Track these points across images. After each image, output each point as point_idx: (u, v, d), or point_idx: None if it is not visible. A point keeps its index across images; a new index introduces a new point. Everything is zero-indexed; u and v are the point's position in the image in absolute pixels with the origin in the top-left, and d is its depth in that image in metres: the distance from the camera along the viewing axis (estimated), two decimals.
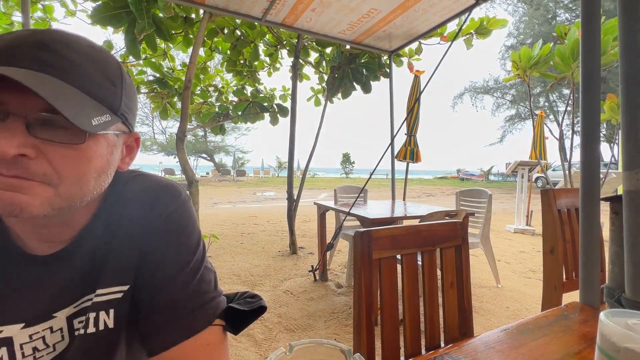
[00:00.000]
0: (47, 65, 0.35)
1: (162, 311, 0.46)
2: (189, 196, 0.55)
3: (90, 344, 0.45)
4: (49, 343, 0.43)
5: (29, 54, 0.35)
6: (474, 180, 27.03)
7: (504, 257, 3.85)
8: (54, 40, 0.36)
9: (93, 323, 0.45)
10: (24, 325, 0.41)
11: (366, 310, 0.75)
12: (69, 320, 0.45)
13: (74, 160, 0.37)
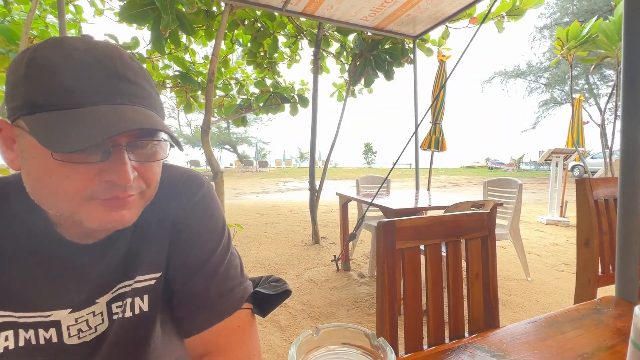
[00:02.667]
0: (132, 96, 0.39)
1: (194, 297, 0.49)
2: (211, 185, 0.57)
3: (129, 326, 0.49)
4: (91, 325, 0.47)
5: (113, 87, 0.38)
6: (503, 170, 25.91)
7: (534, 249, 3.70)
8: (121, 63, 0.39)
9: (130, 308, 0.49)
10: (70, 310, 0.45)
11: (389, 300, 0.76)
12: (108, 305, 0.48)
13: (157, 170, 0.44)
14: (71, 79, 0.36)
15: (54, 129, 0.34)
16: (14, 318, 0.41)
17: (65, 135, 0.34)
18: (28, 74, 0.36)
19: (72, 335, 0.45)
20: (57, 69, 0.36)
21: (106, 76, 0.38)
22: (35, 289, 0.43)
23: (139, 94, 0.40)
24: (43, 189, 0.38)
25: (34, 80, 0.36)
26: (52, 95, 0.36)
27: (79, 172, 0.37)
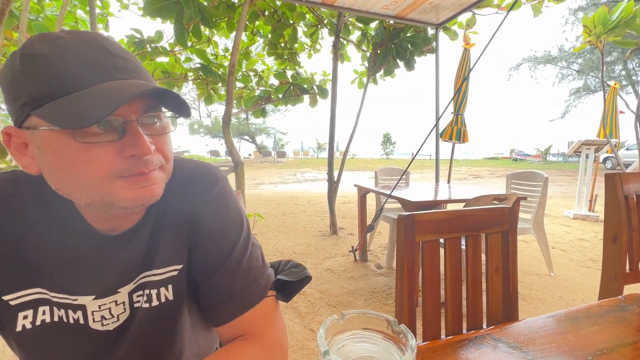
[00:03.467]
0: (128, 71, 0.41)
1: (220, 290, 0.52)
2: (226, 178, 0.58)
3: (154, 315, 0.52)
4: (114, 314, 0.50)
5: (110, 64, 0.40)
6: (529, 161, 24.87)
7: (559, 244, 3.59)
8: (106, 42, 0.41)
9: (155, 297, 0.51)
10: (94, 297, 0.48)
11: (408, 291, 0.78)
12: (129, 295, 0.51)
13: (169, 143, 0.46)
14: (68, 64, 0.37)
15: (68, 110, 0.35)
16: (48, 296, 0.46)
17: (81, 112, 0.35)
18: (25, 69, 0.38)
19: (96, 321, 0.49)
20: (50, 59, 0.37)
21: (100, 56, 0.39)
22: (64, 274, 0.46)
23: (133, 69, 0.42)
24: (69, 181, 0.40)
25: (33, 73, 0.37)
26: (54, 83, 0.37)
27: (100, 152, 0.38)
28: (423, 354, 0.57)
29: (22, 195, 0.45)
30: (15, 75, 0.38)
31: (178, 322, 0.55)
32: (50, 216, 0.46)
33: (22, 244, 0.44)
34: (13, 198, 0.45)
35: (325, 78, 5.06)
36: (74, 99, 0.36)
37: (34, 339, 0.46)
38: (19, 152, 0.42)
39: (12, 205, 0.44)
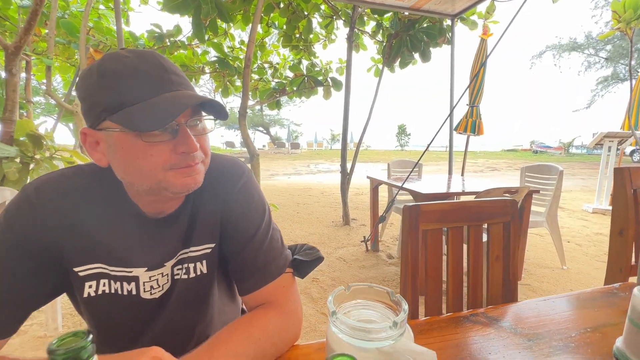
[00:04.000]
0: (181, 84, 0.51)
1: (246, 265, 0.61)
2: (251, 171, 0.68)
3: (191, 285, 0.62)
4: (160, 284, 0.59)
5: (164, 77, 0.49)
6: (550, 154, 24.03)
7: (575, 238, 3.55)
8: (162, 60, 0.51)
9: (192, 270, 0.61)
10: (146, 269, 0.57)
11: (411, 276, 0.85)
12: (172, 268, 0.60)
13: (208, 141, 0.56)
14: (134, 79, 0.47)
15: (137, 117, 0.45)
16: (107, 270, 0.56)
17: (148, 120, 0.45)
18: (101, 83, 0.47)
19: (146, 291, 0.58)
20: (121, 75, 0.47)
21: (159, 72, 0.49)
22: (122, 250, 0.56)
23: (182, 82, 0.52)
24: (134, 171, 0.49)
25: (107, 87, 0.47)
26: (125, 95, 0.46)
27: (160, 149, 0.48)
28: (421, 327, 0.64)
29: (88, 186, 0.55)
30: (93, 87, 0.48)
31: (210, 293, 0.65)
32: (109, 203, 0.55)
33: (89, 225, 0.53)
34: (81, 189, 0.54)
35: (341, 66, 5.07)
36: (141, 108, 0.46)
37: (96, 305, 0.57)
38: (92, 149, 0.51)
39: (81, 195, 0.54)
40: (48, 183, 0.53)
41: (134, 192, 0.55)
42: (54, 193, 0.52)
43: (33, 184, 0.53)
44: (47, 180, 0.53)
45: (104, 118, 0.48)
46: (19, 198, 0.51)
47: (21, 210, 0.51)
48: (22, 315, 0.50)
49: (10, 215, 0.50)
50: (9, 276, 0.48)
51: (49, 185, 0.53)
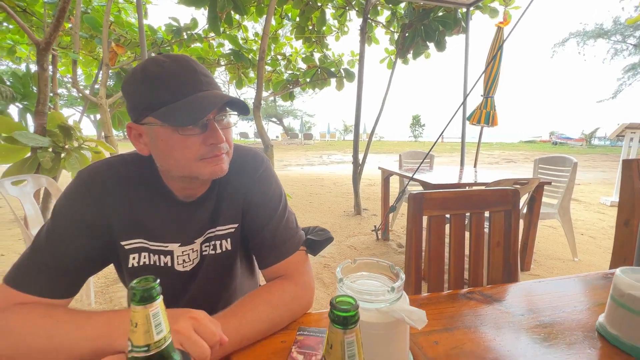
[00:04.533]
0: (210, 85, 0.58)
1: (265, 242, 0.69)
2: (269, 160, 0.76)
3: (218, 260, 0.71)
4: (191, 258, 0.69)
5: (196, 80, 0.57)
6: (570, 145, 23.21)
7: (589, 231, 3.51)
8: (194, 64, 0.58)
9: (219, 247, 0.70)
10: (180, 244, 0.67)
11: (415, 258, 0.92)
12: (200, 245, 0.69)
13: (231, 135, 0.63)
14: (172, 81, 0.55)
15: (175, 114, 0.53)
16: (147, 245, 0.65)
17: (184, 116, 0.53)
18: (144, 85, 0.55)
19: (179, 264, 0.68)
20: (160, 77, 0.55)
21: (192, 75, 0.57)
22: (159, 228, 0.65)
23: (211, 82, 0.59)
24: (171, 159, 0.58)
25: (149, 87, 0.55)
26: (164, 95, 0.55)
27: (193, 142, 0.56)
28: (421, 301, 0.72)
29: (131, 172, 0.64)
30: (137, 88, 0.56)
31: (233, 267, 0.74)
32: (148, 187, 0.64)
33: (132, 206, 0.63)
34: (125, 175, 0.63)
35: (353, 59, 5.06)
36: (178, 106, 0.54)
37: (138, 275, 0.66)
38: (135, 140, 0.60)
39: (125, 180, 0.63)
40: (99, 169, 0.62)
41: (168, 178, 0.64)
42: (104, 178, 0.61)
43: (86, 170, 0.62)
44: (98, 167, 0.63)
45: (146, 114, 0.56)
46: (76, 182, 0.61)
47: (78, 192, 0.60)
48: (80, 280, 0.60)
49: (70, 197, 0.60)
50: (70, 247, 0.58)
51: (100, 171, 0.62)
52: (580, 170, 9.33)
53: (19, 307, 0.52)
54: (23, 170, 2.31)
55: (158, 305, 0.31)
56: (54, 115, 2.57)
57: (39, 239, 0.57)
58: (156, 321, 0.31)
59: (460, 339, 0.58)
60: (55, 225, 0.58)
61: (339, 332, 0.27)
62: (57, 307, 0.53)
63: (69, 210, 0.59)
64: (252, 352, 0.55)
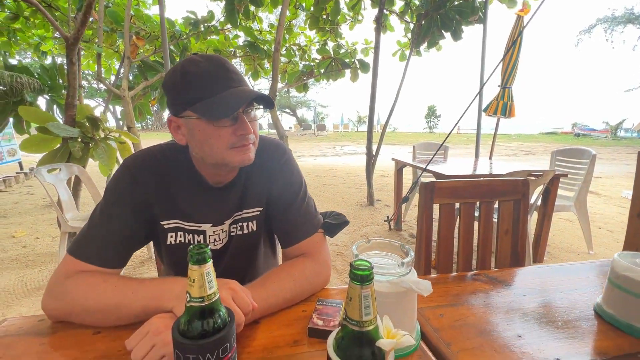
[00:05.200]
0: (240, 82, 0.65)
1: (288, 224, 0.77)
2: (291, 150, 0.83)
3: (244, 240, 0.79)
4: (221, 238, 0.77)
5: (228, 78, 0.63)
6: (593, 137, 22.29)
7: (608, 224, 3.45)
8: (226, 63, 0.65)
9: (245, 228, 0.78)
10: (211, 225, 0.75)
11: (425, 244, 0.98)
12: (229, 226, 0.78)
13: (257, 127, 0.69)
14: (207, 79, 0.62)
15: (211, 109, 0.61)
16: (182, 225, 0.73)
17: (218, 111, 0.60)
18: (183, 82, 0.62)
19: (210, 242, 0.76)
20: (197, 75, 0.62)
21: (224, 73, 0.64)
22: (193, 210, 0.73)
23: (241, 80, 0.66)
24: (206, 148, 0.65)
25: (188, 85, 0.62)
26: (201, 92, 0.62)
27: (226, 132, 0.63)
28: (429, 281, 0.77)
29: (169, 160, 0.72)
30: (176, 85, 0.63)
31: (258, 247, 0.82)
32: (183, 174, 0.72)
33: (169, 190, 0.71)
34: (164, 162, 0.71)
35: (367, 47, 5.03)
36: (213, 101, 0.61)
37: (175, 252, 0.75)
38: (174, 131, 0.67)
39: (164, 167, 0.71)
40: (142, 157, 0.70)
41: (201, 166, 0.72)
42: (146, 164, 0.70)
43: (132, 158, 0.70)
44: (141, 155, 0.71)
45: (185, 109, 0.63)
46: (123, 168, 0.69)
47: (125, 177, 0.68)
48: (128, 252, 0.69)
49: (118, 181, 0.68)
50: (119, 223, 0.66)
51: (143, 159, 0.70)
52: (603, 163, 9.01)
53: (81, 273, 0.61)
54: (55, 159, 2.47)
55: (209, 266, 0.39)
56: (82, 107, 2.71)
57: (94, 216, 0.66)
58: (208, 278, 0.38)
59: (464, 313, 0.64)
60: (107, 205, 0.67)
61: (357, 287, 0.34)
62: (112, 275, 0.62)
63: (118, 193, 0.67)
64: (277, 319, 0.62)
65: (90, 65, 5.45)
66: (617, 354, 0.53)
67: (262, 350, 0.53)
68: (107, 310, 0.56)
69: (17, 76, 3.01)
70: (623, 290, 0.60)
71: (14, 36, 4.60)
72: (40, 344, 0.55)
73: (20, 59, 14.18)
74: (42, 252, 2.67)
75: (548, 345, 0.54)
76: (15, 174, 5.67)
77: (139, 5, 4.66)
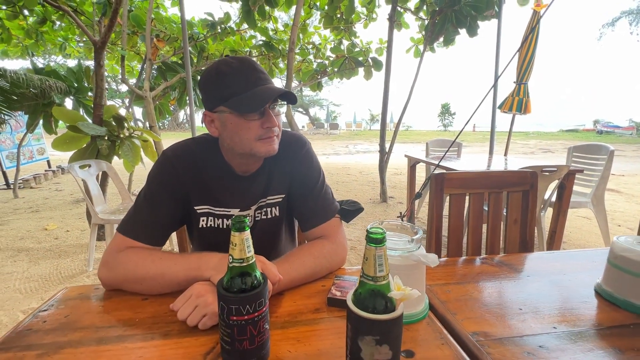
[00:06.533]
0: (267, 80, 0.72)
1: (308, 208, 0.84)
2: (310, 142, 0.90)
3: (268, 224, 0.86)
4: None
5: (257, 77, 0.71)
6: (617, 134, 21.43)
7: (628, 222, 3.37)
8: (255, 64, 0.72)
9: (270, 213, 0.86)
10: (239, 210, 0.83)
11: (436, 232, 1.03)
12: (255, 211, 0.85)
13: (281, 121, 0.77)
14: (239, 78, 0.70)
15: (242, 104, 0.68)
16: (212, 210, 0.81)
17: (248, 106, 0.68)
18: (218, 80, 0.71)
19: None
20: (230, 74, 0.70)
21: (253, 72, 0.71)
22: (223, 196, 0.81)
23: (268, 79, 0.74)
24: (236, 139, 0.72)
25: (222, 82, 0.70)
26: (233, 89, 0.70)
27: (254, 125, 0.71)
28: (439, 263, 0.83)
29: (203, 151, 0.80)
30: (212, 82, 0.72)
31: (280, 231, 0.89)
32: (215, 163, 0.80)
33: (203, 176, 0.79)
34: (199, 153, 0.80)
35: (381, 46, 5.05)
36: (244, 97, 0.69)
37: (206, 234, 0.83)
38: (209, 124, 0.76)
39: (199, 157, 0.79)
40: (180, 148, 0.79)
41: (230, 156, 0.80)
42: (184, 155, 0.78)
43: (170, 149, 0.79)
44: (178, 147, 0.79)
45: (218, 104, 0.71)
46: (162, 158, 0.78)
47: (165, 166, 0.77)
48: (168, 232, 0.78)
49: (159, 169, 0.77)
50: (160, 206, 0.75)
51: (180, 150, 0.79)
52: (627, 160, 8.69)
53: (130, 249, 0.70)
54: (85, 156, 2.64)
55: (248, 234, 0.46)
56: (109, 107, 2.87)
57: (138, 199, 0.75)
58: (247, 244, 0.46)
59: (469, 289, 0.70)
60: (149, 190, 0.76)
61: (372, 248, 0.40)
62: (156, 250, 0.71)
63: (159, 179, 0.76)
64: (300, 291, 0.70)
65: (110, 66, 5.69)
66: (611, 325, 0.57)
67: (287, 315, 0.61)
68: (154, 278, 0.65)
69: (46, 79, 3.21)
70: (621, 270, 0.65)
71: (42, 38, 4.86)
72: (99, 307, 0.64)
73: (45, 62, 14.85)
74: (72, 244, 2.84)
75: (546, 316, 0.60)
76: (44, 172, 5.98)
77: (158, 8, 4.84)
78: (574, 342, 0.53)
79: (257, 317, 0.46)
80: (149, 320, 0.59)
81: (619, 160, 8.37)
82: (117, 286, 0.68)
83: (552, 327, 0.56)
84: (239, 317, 0.45)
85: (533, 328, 0.56)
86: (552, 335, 0.54)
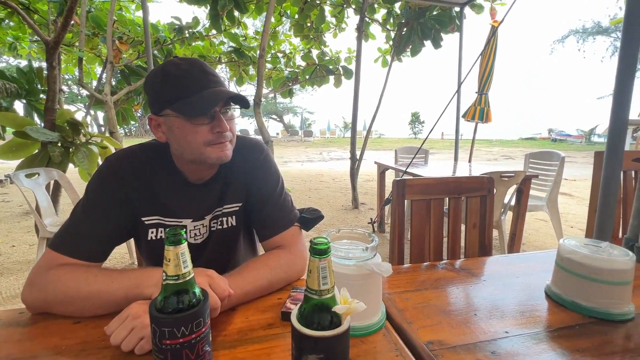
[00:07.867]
0: (217, 83, 0.68)
1: (266, 218, 0.80)
2: (269, 149, 0.87)
3: (224, 235, 0.82)
4: (201, 232, 0.80)
5: (206, 79, 0.67)
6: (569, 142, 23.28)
7: (579, 224, 3.62)
8: (204, 66, 0.69)
9: (225, 223, 0.82)
10: (192, 220, 0.78)
11: (398, 237, 1.03)
12: (209, 221, 0.81)
13: (235, 125, 0.73)
14: (186, 80, 0.66)
15: (188, 107, 0.65)
16: (162, 220, 0.75)
17: (195, 109, 0.64)
18: (163, 82, 0.66)
19: (191, 237, 0.79)
20: (176, 76, 0.66)
21: (202, 74, 0.68)
22: (174, 206, 0.75)
23: (219, 81, 0.70)
24: (184, 145, 0.68)
25: (168, 84, 0.66)
26: (180, 91, 0.66)
27: (202, 130, 0.67)
28: (400, 269, 0.83)
29: (150, 158, 0.74)
30: (157, 85, 0.67)
31: (237, 241, 0.85)
32: (164, 171, 0.75)
33: (151, 185, 0.73)
34: (146, 159, 0.74)
35: (350, 55, 5.15)
36: (191, 100, 0.64)
37: (155, 247, 0.77)
38: (155, 129, 0.70)
39: (145, 164, 0.74)
40: (124, 155, 0.73)
41: (181, 162, 0.75)
42: (128, 162, 0.72)
43: (114, 155, 0.73)
44: (123, 153, 0.73)
45: (165, 107, 0.67)
46: (105, 165, 0.72)
47: (107, 174, 0.71)
48: (109, 247, 0.71)
49: (100, 177, 0.71)
50: (101, 218, 0.68)
51: (125, 157, 0.73)
52: (577, 167, 9.41)
53: (62, 266, 0.63)
54: (34, 164, 2.42)
55: (184, 247, 0.42)
56: (63, 111, 2.67)
57: (75, 211, 0.68)
58: (183, 258, 0.42)
59: (428, 296, 0.69)
60: (89, 200, 0.69)
61: (316, 260, 0.38)
62: (93, 267, 0.64)
63: (100, 188, 0.70)
64: (253, 306, 0.66)
65: (69, 68, 5.36)
66: (559, 327, 0.59)
67: (237, 333, 0.57)
68: (89, 298, 0.58)
69: None
70: (567, 271, 0.67)
71: None
72: (21, 334, 0.56)
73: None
74: (18, 260, 2.59)
75: (499, 321, 0.60)
76: None
77: (122, 10, 4.63)
78: (526, 346, 0.53)
79: (194, 340, 0.41)
80: (78, 347, 0.52)
81: (571, 167, 9.04)
82: (45, 309, 0.61)
83: (505, 331, 0.57)
84: (173, 341, 0.40)
85: (486, 334, 0.56)
86: (504, 340, 0.55)
